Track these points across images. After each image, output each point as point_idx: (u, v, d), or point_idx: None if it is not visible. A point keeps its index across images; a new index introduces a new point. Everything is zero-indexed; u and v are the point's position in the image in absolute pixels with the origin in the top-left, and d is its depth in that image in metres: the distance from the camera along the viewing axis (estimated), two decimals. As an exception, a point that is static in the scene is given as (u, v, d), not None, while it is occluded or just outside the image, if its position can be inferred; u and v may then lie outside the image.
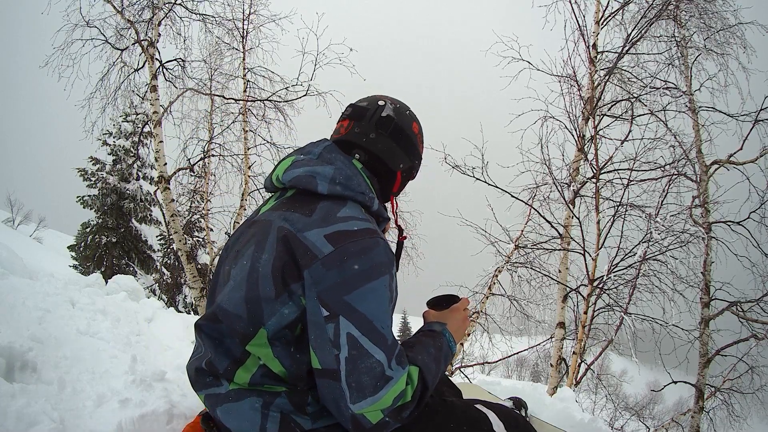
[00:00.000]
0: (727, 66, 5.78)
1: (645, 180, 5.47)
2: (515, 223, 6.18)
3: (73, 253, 15.20)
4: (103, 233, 14.58)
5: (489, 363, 6.78)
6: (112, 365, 1.65)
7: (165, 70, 6.58)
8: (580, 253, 5.15)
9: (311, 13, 6.20)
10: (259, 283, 0.93)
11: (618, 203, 5.22)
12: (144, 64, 6.39)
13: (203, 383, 1.01)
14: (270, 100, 7.09)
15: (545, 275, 5.84)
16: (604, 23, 5.89)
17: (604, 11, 5.87)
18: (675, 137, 5.49)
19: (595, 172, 5.37)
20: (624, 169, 5.41)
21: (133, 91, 6.71)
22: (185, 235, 7.33)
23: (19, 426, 1.18)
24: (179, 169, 6.97)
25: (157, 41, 6.40)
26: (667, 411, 19.74)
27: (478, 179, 5.27)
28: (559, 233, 5.49)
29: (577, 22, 5.65)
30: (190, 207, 9.15)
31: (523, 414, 1.64)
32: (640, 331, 5.35)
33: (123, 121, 14.03)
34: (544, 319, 6.28)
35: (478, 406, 1.15)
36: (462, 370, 6.58)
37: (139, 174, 14.77)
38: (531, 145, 7.52)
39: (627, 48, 5.61)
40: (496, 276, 6.34)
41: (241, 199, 7.49)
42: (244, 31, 7.31)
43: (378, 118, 1.09)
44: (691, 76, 5.82)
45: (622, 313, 5.31)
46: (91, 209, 14.63)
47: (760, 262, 5.36)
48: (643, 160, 5.35)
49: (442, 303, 1.18)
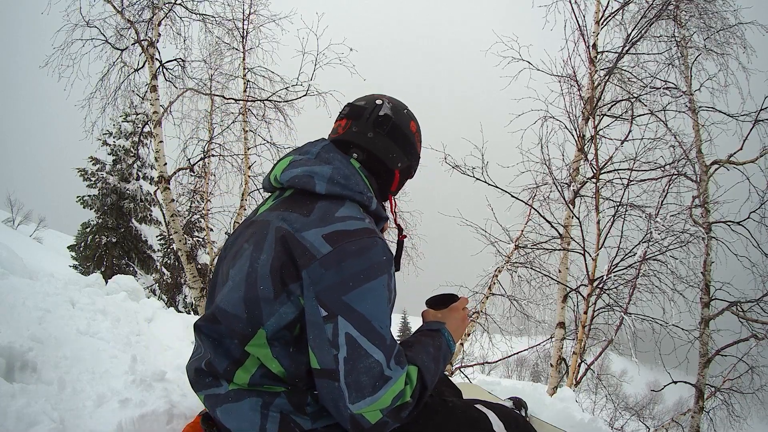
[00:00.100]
0: (727, 66, 5.78)
1: (645, 180, 5.47)
2: (515, 223, 6.19)
3: (73, 253, 15.20)
4: (103, 233, 14.58)
5: (489, 363, 6.78)
6: (112, 365, 1.65)
7: (165, 70, 6.58)
8: (580, 253, 5.15)
9: (311, 13, 6.20)
10: (257, 284, 0.93)
11: (618, 203, 5.21)
12: (144, 64, 6.39)
13: (203, 384, 1.01)
14: (270, 100, 7.09)
15: (545, 275, 5.85)
16: (604, 23, 5.89)
17: (604, 11, 5.87)
18: (675, 137, 5.49)
19: (595, 172, 5.37)
20: (624, 169, 5.41)
21: (133, 91, 6.71)
22: (185, 235, 7.33)
23: (19, 426, 1.18)
24: (179, 169, 6.97)
25: (157, 41, 6.40)
26: (667, 411, 19.73)
27: (478, 179, 5.28)
28: (559, 233, 5.49)
29: (577, 22, 5.65)
30: (190, 207, 9.14)
31: (523, 414, 1.64)
32: (640, 331, 5.36)
33: (123, 121, 14.03)
34: (544, 319, 6.28)
35: (478, 406, 1.15)
36: (462, 370, 6.58)
37: (139, 174, 14.78)
38: (531, 145, 7.52)
39: (627, 48, 5.60)
40: (496, 276, 6.34)
41: (241, 199, 7.48)
42: (244, 31, 7.31)
43: (376, 117, 1.09)
44: (691, 76, 5.81)
45: (622, 313, 5.31)
46: (91, 209, 14.63)
47: (760, 262, 5.36)
48: (643, 160, 5.35)
49: (441, 302, 1.18)
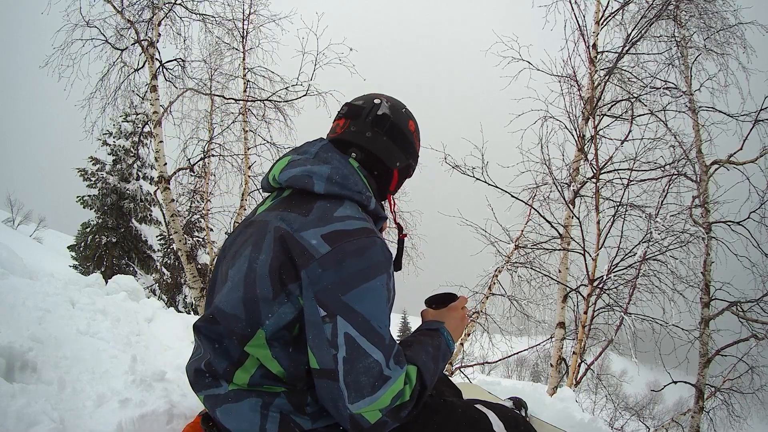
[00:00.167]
0: (727, 66, 5.77)
1: (645, 180, 5.46)
2: (515, 223, 6.19)
3: (73, 253, 15.20)
4: (103, 233, 14.58)
5: (489, 363, 6.78)
6: (112, 365, 1.65)
7: (165, 70, 6.58)
8: (580, 253, 5.14)
9: (311, 13, 6.21)
10: (256, 284, 0.93)
11: (618, 203, 5.21)
12: (144, 64, 6.39)
13: (202, 384, 1.00)
14: (270, 100, 7.09)
15: (545, 275, 5.84)
16: (604, 23, 5.89)
17: (604, 11, 5.86)
18: (675, 137, 5.49)
19: (595, 172, 5.37)
20: (624, 169, 5.41)
21: (133, 91, 6.70)
22: (185, 235, 7.33)
23: (19, 426, 1.18)
24: (179, 169, 6.97)
25: (157, 41, 6.40)
26: (667, 411, 19.74)
27: (478, 179, 5.27)
28: (559, 233, 5.49)
29: (577, 22, 5.65)
30: (190, 207, 9.14)
31: (523, 414, 1.64)
32: (640, 331, 5.35)
33: (123, 121, 14.03)
34: (544, 319, 6.28)
35: (478, 406, 1.15)
36: (462, 370, 6.58)
37: (139, 174, 14.78)
38: (531, 145, 7.52)
39: (627, 48, 5.60)
40: (496, 276, 6.34)
41: (241, 199, 7.48)
42: (244, 31, 7.30)
43: (374, 117, 1.08)
44: (691, 76, 5.81)
45: (622, 313, 5.31)
46: (91, 209, 14.63)
47: (760, 262, 5.36)
48: (643, 160, 5.35)
49: (441, 302, 1.18)
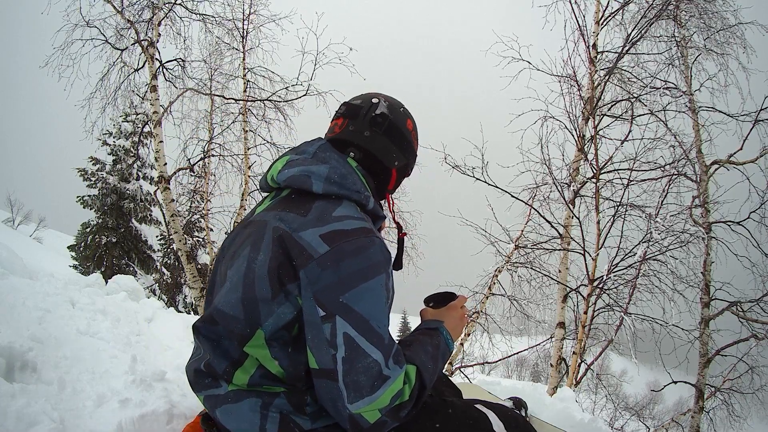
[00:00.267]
0: (727, 66, 5.77)
1: (645, 180, 5.46)
2: (515, 223, 6.19)
3: (73, 253, 15.20)
4: (103, 233, 14.59)
5: (489, 363, 6.78)
6: (112, 365, 1.65)
7: (165, 70, 6.58)
8: (580, 253, 5.14)
9: (311, 13, 6.21)
10: (255, 284, 0.93)
11: (618, 203, 5.21)
12: (144, 64, 6.39)
13: (202, 384, 1.00)
14: (270, 100, 7.09)
15: (545, 275, 5.85)
16: (604, 23, 5.89)
17: (604, 11, 5.86)
18: (675, 137, 5.49)
19: (595, 172, 5.37)
20: (624, 169, 5.40)
21: (133, 91, 6.70)
22: (185, 235, 7.33)
23: (19, 426, 1.18)
24: (179, 169, 6.97)
25: (157, 41, 6.40)
26: (667, 411, 19.74)
27: (478, 179, 5.27)
28: (559, 233, 5.49)
29: (577, 22, 5.65)
30: (190, 207, 9.14)
31: (523, 414, 1.64)
32: (640, 331, 5.35)
33: (123, 121, 14.05)
34: (544, 319, 6.29)
35: (478, 406, 1.15)
36: (462, 370, 6.58)
37: (139, 174, 14.79)
38: (531, 145, 7.53)
39: (627, 48, 5.60)
40: (496, 276, 6.35)
41: (241, 199, 7.48)
42: (244, 31, 7.30)
43: (372, 116, 1.08)
44: (691, 76, 5.81)
45: (622, 313, 5.30)
46: (91, 209, 14.64)
47: (760, 262, 5.36)
48: (643, 160, 5.35)
49: (440, 301, 1.18)
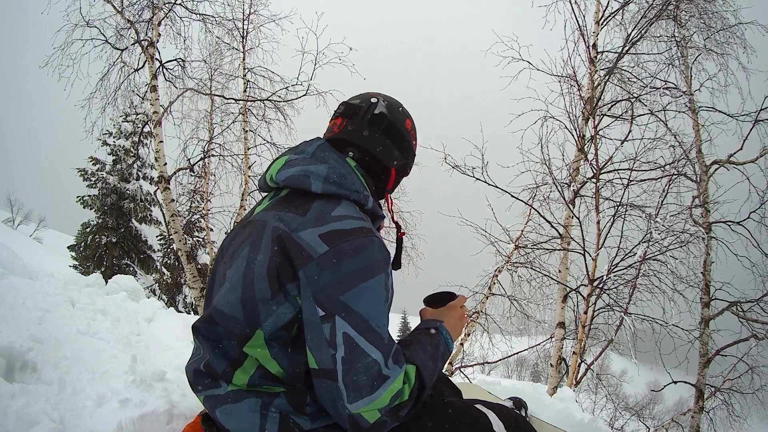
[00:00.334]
0: (727, 66, 5.78)
1: (645, 180, 5.46)
2: (515, 223, 6.19)
3: (73, 253, 15.20)
4: (103, 233, 14.59)
5: (489, 363, 6.78)
6: (112, 365, 1.65)
7: (165, 70, 6.58)
8: (580, 253, 5.14)
9: (311, 13, 6.21)
10: (254, 284, 0.92)
11: (618, 203, 5.21)
12: (144, 64, 6.39)
13: (202, 385, 1.00)
14: (270, 100, 7.09)
15: (545, 275, 5.85)
16: (604, 23, 5.89)
17: (604, 11, 5.86)
18: (675, 137, 5.49)
19: (595, 172, 5.37)
20: (624, 169, 5.41)
21: (133, 91, 6.70)
22: (185, 235, 7.33)
23: (19, 426, 1.18)
24: (179, 169, 6.97)
25: (157, 41, 6.40)
26: (667, 411, 19.74)
27: (478, 179, 5.27)
28: (559, 233, 5.49)
29: (577, 22, 5.65)
30: (190, 207, 9.15)
31: (523, 414, 1.63)
32: (640, 331, 5.35)
33: (123, 121, 14.05)
34: (544, 319, 6.29)
35: (478, 406, 1.15)
36: (462, 370, 6.58)
37: (139, 174, 14.79)
38: (531, 145, 7.55)
39: (627, 48, 5.60)
40: (496, 276, 6.35)
41: (241, 199, 7.48)
42: (244, 31, 7.31)
43: (371, 116, 1.08)
44: (691, 76, 5.82)
45: (622, 313, 5.31)
46: (91, 209, 14.63)
47: (760, 262, 5.36)
48: (643, 160, 5.35)
49: (439, 301, 1.17)
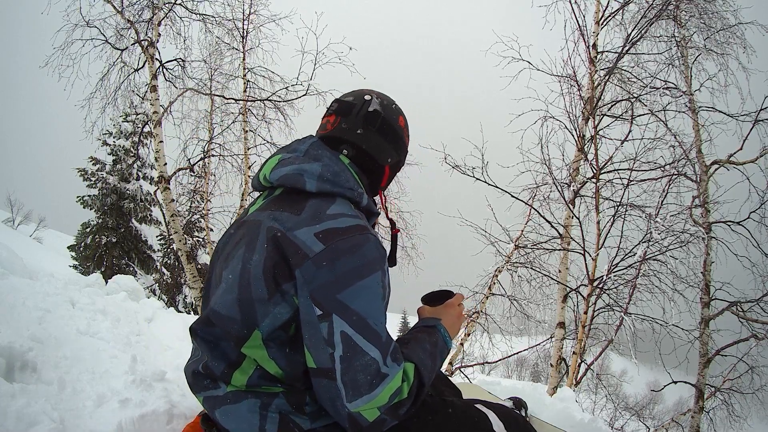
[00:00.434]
0: (727, 66, 5.78)
1: (645, 180, 5.47)
2: (515, 223, 6.19)
3: (73, 253, 15.20)
4: (103, 233, 14.59)
5: (489, 363, 6.78)
6: (112, 365, 1.65)
7: (165, 70, 6.58)
8: (580, 253, 5.14)
9: (311, 13, 6.21)
10: (251, 285, 0.92)
11: (618, 203, 5.21)
12: (144, 64, 6.39)
13: (201, 386, 1.00)
14: (270, 100, 7.09)
15: (545, 275, 5.85)
16: (604, 23, 5.89)
17: (604, 11, 5.86)
18: (675, 137, 5.49)
19: (595, 172, 5.37)
20: (624, 169, 5.41)
21: (133, 91, 6.70)
22: (185, 235, 7.33)
23: (19, 426, 1.18)
24: (179, 169, 6.97)
25: (157, 41, 6.40)
26: (667, 411, 19.75)
27: (478, 179, 5.27)
28: (559, 233, 5.49)
29: (577, 22, 5.65)
30: (190, 207, 9.15)
31: (523, 414, 1.64)
32: (640, 331, 5.36)
33: (123, 121, 14.05)
34: (544, 319, 6.28)
35: (478, 406, 1.15)
36: (462, 370, 6.58)
37: (139, 174, 14.78)
38: (531, 145, 7.55)
39: (627, 48, 5.60)
40: (496, 276, 6.35)
41: (241, 199, 7.49)
42: (244, 31, 7.31)
43: (365, 113, 1.08)
44: (691, 76, 5.82)
45: (622, 313, 5.31)
46: (91, 209, 14.63)
47: (760, 262, 5.36)
48: (643, 160, 5.35)
49: (437, 299, 1.18)
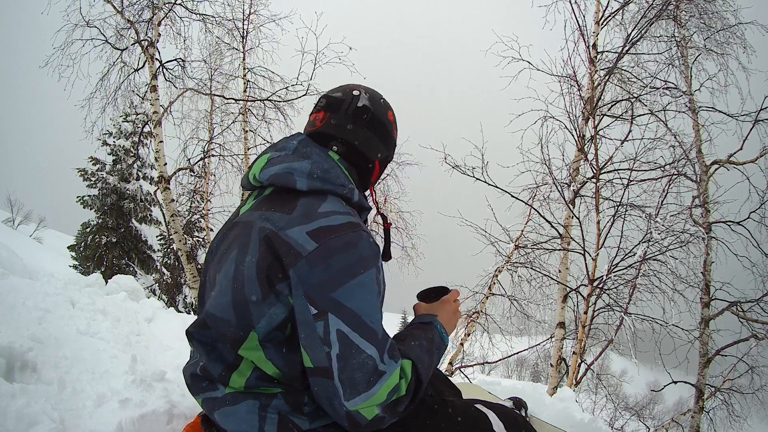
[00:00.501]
0: (727, 66, 5.78)
1: (645, 180, 5.47)
2: (515, 223, 6.19)
3: (73, 253, 15.20)
4: (103, 233, 14.58)
5: (489, 363, 6.78)
6: (112, 365, 1.65)
7: (165, 70, 6.58)
8: (580, 253, 5.14)
9: (311, 13, 6.21)
10: (245, 287, 0.92)
11: (618, 203, 5.22)
12: (144, 64, 6.40)
13: (199, 388, 1.00)
14: (270, 100, 7.10)
15: (545, 275, 5.85)
16: (604, 23, 5.89)
17: (604, 11, 5.87)
18: (675, 137, 5.50)
19: (595, 172, 5.37)
20: (624, 169, 5.41)
21: (133, 91, 6.71)
22: (185, 235, 7.33)
23: (19, 426, 1.19)
24: (179, 169, 6.98)
25: (157, 41, 6.41)
26: (667, 411, 19.76)
27: (478, 179, 5.27)
28: (559, 233, 5.49)
29: (577, 22, 5.65)
30: (190, 207, 9.16)
31: (523, 414, 1.63)
32: (640, 331, 5.36)
33: (123, 121, 14.04)
34: (544, 319, 6.29)
35: (478, 406, 1.15)
36: (462, 370, 6.58)
37: (139, 174, 14.78)
38: (531, 145, 7.54)
39: (627, 48, 5.60)
40: (496, 276, 6.35)
41: (241, 199, 7.48)
42: (244, 31, 7.32)
43: (354, 109, 1.07)
44: (691, 76, 5.82)
45: (622, 313, 5.31)
46: (91, 209, 14.63)
47: (760, 262, 5.36)
48: (643, 160, 5.36)
49: (433, 295, 1.17)
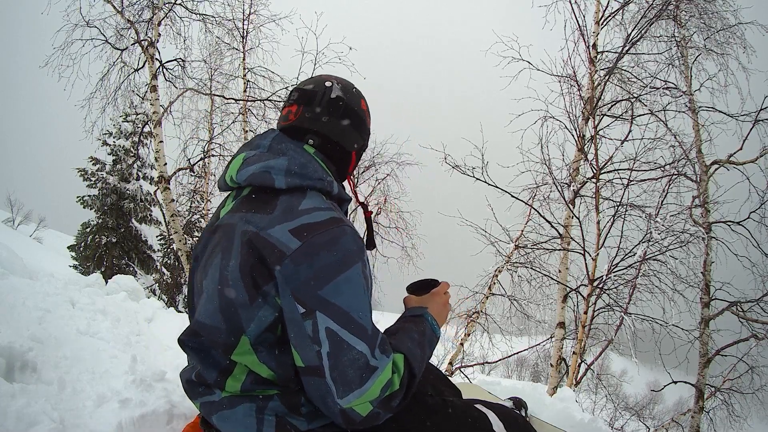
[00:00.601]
0: (727, 66, 5.79)
1: (645, 180, 5.48)
2: (515, 223, 6.21)
3: (73, 253, 15.19)
4: (103, 233, 14.58)
5: (489, 363, 6.78)
6: (112, 365, 1.65)
7: (165, 70, 6.59)
8: (580, 253, 5.15)
9: (311, 13, 6.22)
10: (231, 291, 0.91)
11: (618, 203, 5.22)
12: (144, 64, 6.40)
13: (196, 392, 1.00)
14: (270, 100, 7.10)
15: (545, 275, 5.85)
16: (604, 23, 5.89)
17: (604, 11, 5.88)
18: (675, 137, 5.50)
19: (595, 172, 5.37)
20: (624, 169, 5.42)
21: (133, 91, 6.72)
22: (185, 235, 7.33)
23: (19, 426, 1.18)
24: (179, 169, 6.98)
25: (157, 41, 6.41)
26: (667, 411, 19.74)
27: (478, 179, 5.28)
28: (559, 233, 5.49)
29: (577, 22, 5.66)
30: (190, 207, 9.17)
31: (523, 414, 1.63)
32: (640, 331, 5.36)
33: (123, 121, 14.03)
34: (544, 319, 6.30)
35: (478, 406, 1.15)
36: (462, 370, 6.58)
37: (139, 174, 14.77)
38: (531, 145, 7.54)
39: (627, 48, 5.61)
40: (496, 276, 6.35)
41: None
42: (244, 31, 7.32)
43: (328, 101, 1.06)
44: (691, 76, 5.82)
45: (622, 313, 5.31)
46: (91, 209, 14.62)
47: (760, 262, 5.36)
48: (643, 160, 5.37)
49: (422, 288, 1.16)
